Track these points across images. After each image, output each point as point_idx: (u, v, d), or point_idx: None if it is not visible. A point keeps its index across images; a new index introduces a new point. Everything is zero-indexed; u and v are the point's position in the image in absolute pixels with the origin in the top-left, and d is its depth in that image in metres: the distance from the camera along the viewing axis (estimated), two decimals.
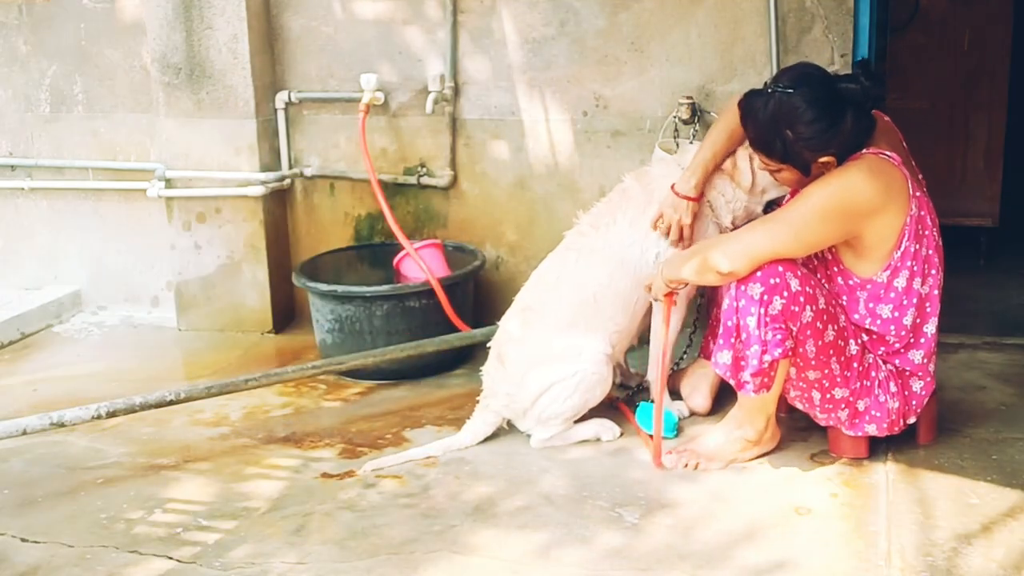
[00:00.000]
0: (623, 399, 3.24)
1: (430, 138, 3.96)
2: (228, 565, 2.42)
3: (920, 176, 2.79)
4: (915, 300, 2.72)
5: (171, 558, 2.46)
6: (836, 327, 2.67)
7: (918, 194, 2.69)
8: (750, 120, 2.70)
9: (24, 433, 2.95)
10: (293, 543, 2.51)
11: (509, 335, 3.06)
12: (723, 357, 2.70)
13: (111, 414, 2.99)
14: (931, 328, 2.76)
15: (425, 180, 3.97)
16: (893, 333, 2.74)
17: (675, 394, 3.20)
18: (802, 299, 2.60)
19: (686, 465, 2.82)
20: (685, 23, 3.66)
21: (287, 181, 4.08)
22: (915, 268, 2.70)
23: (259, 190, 3.96)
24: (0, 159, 4.34)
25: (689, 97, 3.62)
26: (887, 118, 2.84)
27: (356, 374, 3.54)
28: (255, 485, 2.83)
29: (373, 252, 4.00)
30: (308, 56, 4.00)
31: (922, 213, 2.69)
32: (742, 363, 2.67)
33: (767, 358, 2.62)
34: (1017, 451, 2.87)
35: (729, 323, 2.67)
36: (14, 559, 2.48)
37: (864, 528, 2.50)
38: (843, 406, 2.75)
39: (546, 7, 3.76)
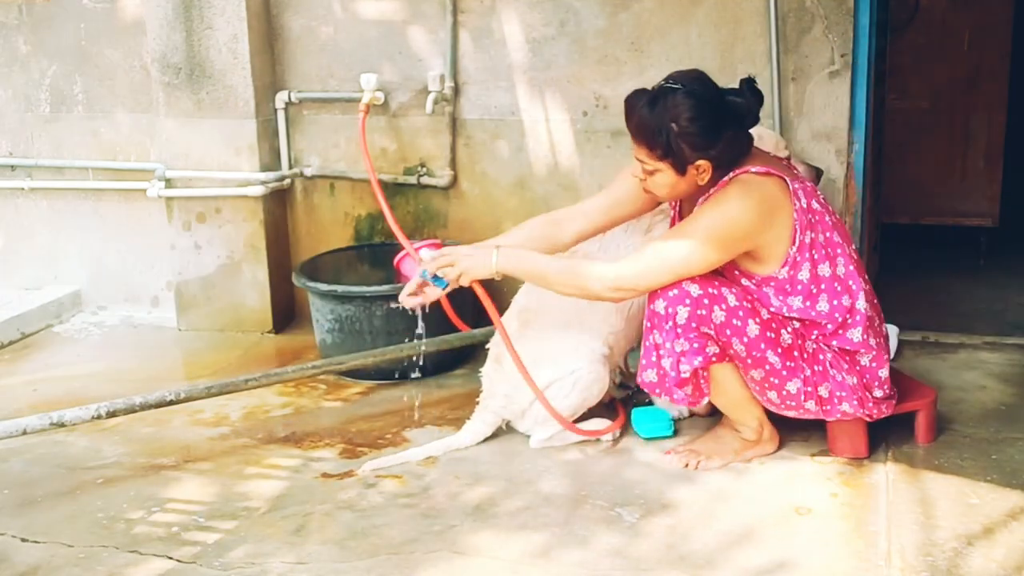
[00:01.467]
0: (622, 399, 3.24)
1: (430, 138, 3.97)
2: (228, 565, 2.42)
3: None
4: (824, 286, 2.71)
5: (171, 558, 2.46)
6: (758, 320, 2.67)
7: (797, 184, 2.69)
8: (636, 112, 2.69)
9: (24, 433, 2.95)
10: (293, 543, 2.51)
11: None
12: (648, 376, 2.73)
13: (111, 414, 2.99)
14: (861, 303, 2.73)
15: (425, 180, 3.98)
16: (818, 318, 2.72)
17: None
18: (706, 301, 2.61)
19: (686, 465, 2.82)
20: (685, 23, 3.66)
21: (287, 181, 4.09)
22: (816, 256, 2.70)
23: (259, 190, 3.96)
24: (0, 159, 4.34)
25: None
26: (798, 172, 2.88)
27: (356, 374, 3.54)
28: (255, 485, 2.83)
29: (373, 252, 4.00)
30: (308, 56, 4.00)
31: (812, 204, 2.70)
32: (667, 378, 2.69)
33: (685, 368, 2.64)
34: (1017, 451, 2.87)
35: (647, 343, 2.71)
36: (14, 559, 2.48)
37: (864, 528, 2.50)
38: (804, 397, 2.74)
39: (546, 7, 3.76)
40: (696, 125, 2.62)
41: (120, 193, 4.25)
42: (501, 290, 3.88)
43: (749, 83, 2.72)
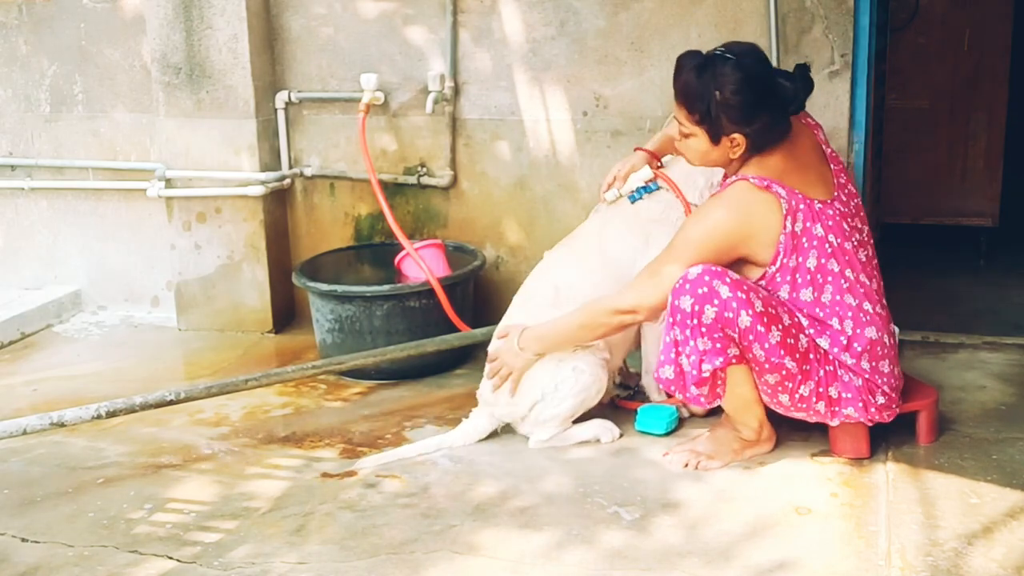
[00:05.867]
0: (624, 398, 3.24)
1: (430, 138, 3.97)
2: (228, 565, 2.42)
3: (841, 179, 2.78)
4: (806, 310, 2.70)
5: (171, 558, 2.46)
6: (780, 327, 2.66)
7: (802, 206, 2.67)
8: (683, 73, 2.71)
9: (24, 433, 2.95)
10: (294, 543, 2.51)
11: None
12: (665, 372, 2.72)
13: (111, 414, 2.99)
14: (848, 326, 2.71)
15: (425, 180, 3.98)
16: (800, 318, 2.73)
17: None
18: (735, 304, 2.60)
19: (686, 464, 2.82)
20: (685, 23, 3.66)
21: (287, 181, 4.09)
22: (799, 280, 2.69)
23: (259, 190, 3.95)
24: (0, 159, 4.34)
25: None
26: (809, 119, 2.85)
27: (356, 374, 3.54)
28: (256, 485, 2.83)
29: (373, 252, 4.00)
30: (308, 56, 4.00)
31: (807, 225, 2.67)
32: (687, 376, 2.69)
33: (707, 367, 2.64)
34: (1017, 451, 2.87)
35: (667, 339, 2.69)
36: (14, 559, 2.48)
37: (864, 528, 2.50)
38: (815, 399, 2.74)
39: (546, 7, 3.76)
40: (739, 98, 2.63)
41: (120, 193, 4.25)
42: (502, 290, 3.90)
43: (802, 70, 2.74)
